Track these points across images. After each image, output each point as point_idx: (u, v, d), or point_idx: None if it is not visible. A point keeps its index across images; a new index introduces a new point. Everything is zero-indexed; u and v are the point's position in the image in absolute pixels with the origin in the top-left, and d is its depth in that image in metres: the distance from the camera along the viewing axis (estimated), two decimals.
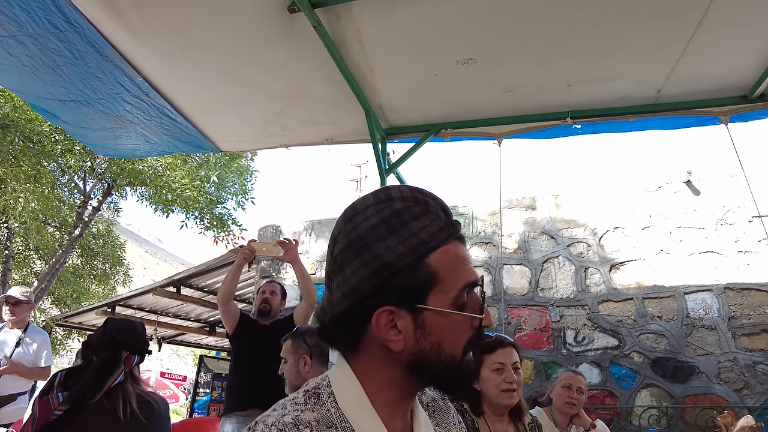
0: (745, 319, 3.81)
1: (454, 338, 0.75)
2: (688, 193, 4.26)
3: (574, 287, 4.21)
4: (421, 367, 0.75)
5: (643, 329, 3.93)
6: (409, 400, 0.82)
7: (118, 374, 1.70)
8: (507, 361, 1.89)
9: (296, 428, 0.68)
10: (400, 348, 0.74)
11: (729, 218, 4.09)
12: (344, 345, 0.81)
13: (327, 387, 0.78)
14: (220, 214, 7.00)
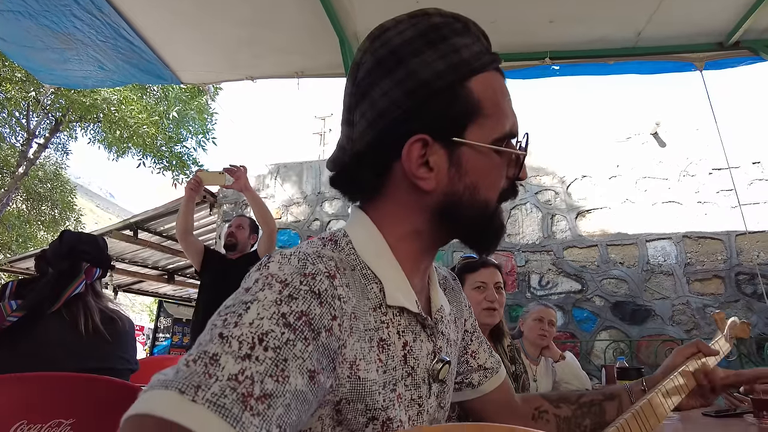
0: (700, 265, 3.97)
1: (490, 182, 0.67)
2: (654, 144, 4.34)
3: (541, 233, 4.27)
4: (451, 213, 0.67)
5: (605, 275, 4.04)
6: (431, 255, 0.73)
7: (78, 284, 1.56)
8: (489, 281, 1.88)
9: (319, 258, 0.58)
10: (431, 187, 0.65)
11: (691, 170, 4.20)
12: (365, 190, 0.71)
13: (344, 236, 0.69)
14: (180, 153, 6.65)
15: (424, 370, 0.68)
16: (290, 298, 0.53)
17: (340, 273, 0.59)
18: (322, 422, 0.58)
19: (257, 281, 0.55)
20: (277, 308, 0.51)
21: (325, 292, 0.55)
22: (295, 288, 0.54)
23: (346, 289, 0.59)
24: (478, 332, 0.90)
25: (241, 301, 0.52)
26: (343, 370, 0.57)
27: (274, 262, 0.58)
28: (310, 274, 0.56)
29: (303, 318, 0.52)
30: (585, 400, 0.90)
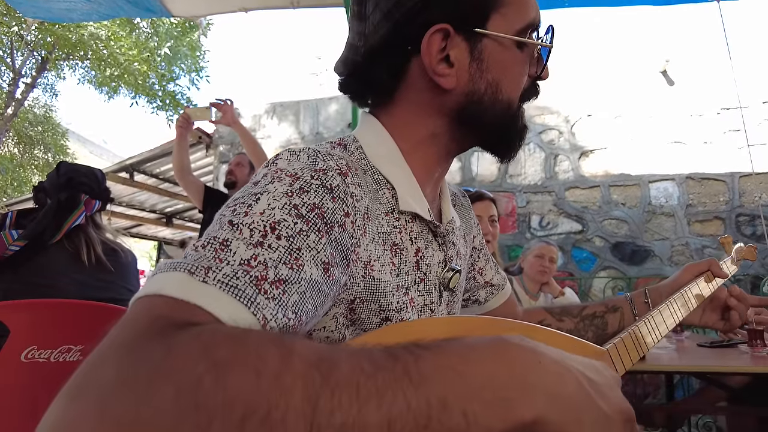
0: (701, 206, 3.97)
1: (512, 79, 0.64)
2: (663, 82, 4.22)
3: (543, 174, 4.23)
4: (471, 115, 0.63)
5: (606, 215, 4.05)
6: (445, 164, 0.71)
7: (78, 215, 1.53)
8: (484, 214, 1.91)
9: (330, 156, 0.55)
10: (451, 85, 0.61)
11: (698, 110, 4.12)
12: (378, 92, 0.67)
13: (354, 141, 0.65)
14: (173, 92, 6.45)
15: (436, 277, 0.67)
16: (301, 190, 0.50)
17: (352, 173, 0.57)
18: (336, 321, 0.57)
19: (266, 176, 0.53)
20: (288, 199, 0.49)
21: (337, 188, 0.53)
22: (306, 182, 0.52)
23: (358, 188, 0.57)
24: (485, 250, 0.90)
25: (250, 193, 0.50)
26: (357, 269, 0.56)
27: (283, 158, 0.55)
28: (321, 170, 0.53)
29: (316, 210, 0.50)
30: (587, 313, 0.91)
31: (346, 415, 0.29)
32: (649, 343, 0.76)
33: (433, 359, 0.34)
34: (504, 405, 0.33)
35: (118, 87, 6.27)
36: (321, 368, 0.30)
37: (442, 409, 0.31)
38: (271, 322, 0.41)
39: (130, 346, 0.32)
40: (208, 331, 0.34)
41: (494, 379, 0.34)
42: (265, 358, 0.30)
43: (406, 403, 0.30)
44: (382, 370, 0.32)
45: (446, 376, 0.33)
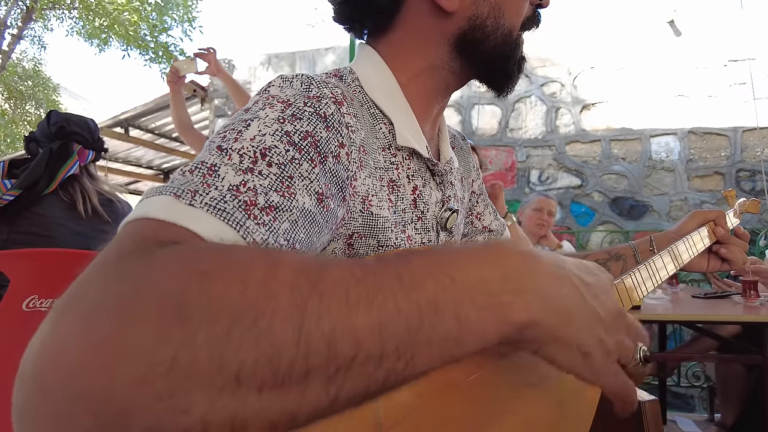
0: (702, 161, 3.94)
1: (515, 5, 0.62)
2: (669, 33, 4.10)
3: (544, 128, 4.17)
4: (473, 41, 0.62)
5: (606, 170, 4.02)
6: (443, 99, 0.69)
7: (72, 164, 1.51)
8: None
9: (325, 84, 0.53)
10: (454, 7, 0.59)
11: (705, 62, 4.02)
12: (377, 17, 0.64)
13: (350, 73, 0.63)
14: (165, 43, 6.26)
15: (433, 216, 0.66)
16: (294, 117, 0.48)
17: (348, 102, 0.55)
18: (335, 256, 0.56)
19: (257, 102, 0.51)
20: (280, 126, 0.47)
21: (331, 117, 0.51)
22: (299, 108, 0.49)
23: (353, 119, 0.55)
24: (485, 194, 0.89)
25: (240, 119, 0.48)
26: (354, 203, 0.55)
27: (275, 85, 0.53)
28: (315, 97, 0.51)
29: (308, 138, 0.48)
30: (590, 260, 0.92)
31: (335, 320, 0.28)
32: (649, 286, 0.76)
33: (425, 264, 0.33)
34: (498, 308, 0.33)
35: (108, 39, 6.06)
36: (309, 275, 0.29)
37: (433, 313, 0.31)
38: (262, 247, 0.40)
39: (114, 264, 0.31)
40: (192, 246, 0.33)
41: (488, 282, 0.34)
42: (250, 267, 0.29)
43: (396, 307, 0.30)
44: (372, 275, 0.31)
45: (438, 279, 0.32)
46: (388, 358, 0.29)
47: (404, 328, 0.29)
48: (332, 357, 0.27)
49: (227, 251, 0.31)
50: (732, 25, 3.94)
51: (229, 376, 0.25)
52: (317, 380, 0.27)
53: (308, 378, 0.27)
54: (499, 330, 0.33)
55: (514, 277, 0.35)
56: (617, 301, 0.43)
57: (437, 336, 0.31)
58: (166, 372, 0.24)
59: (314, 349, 0.27)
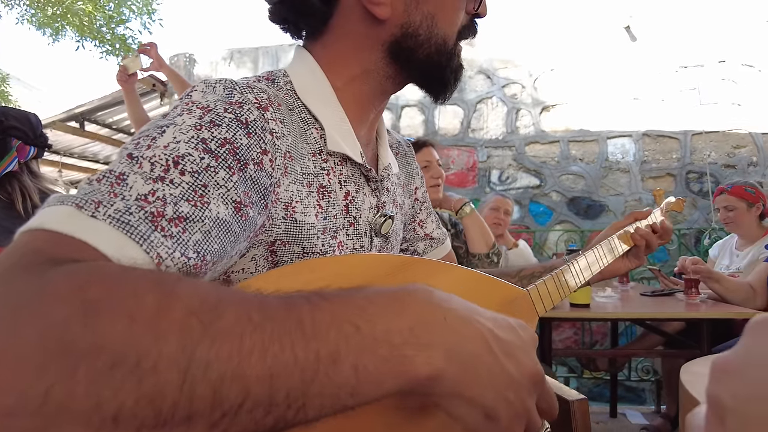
0: (655, 163, 4.08)
1: (449, 15, 0.62)
2: (625, 38, 4.22)
3: (504, 129, 4.23)
4: (406, 48, 0.61)
5: (564, 170, 4.11)
6: (380, 103, 0.68)
7: (10, 161, 1.44)
8: (432, 159, 1.93)
9: (249, 89, 0.52)
10: (386, 14, 0.59)
11: (658, 67, 4.15)
12: (311, 20, 0.63)
13: (283, 76, 0.61)
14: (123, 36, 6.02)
15: (366, 222, 0.66)
16: (212, 124, 0.47)
17: (274, 107, 0.54)
18: (255, 263, 0.55)
19: (176, 107, 0.49)
20: (196, 132, 0.46)
21: (254, 123, 0.50)
22: (219, 115, 0.48)
23: (279, 124, 0.54)
24: (428, 203, 0.90)
25: (156, 125, 0.47)
26: (277, 210, 0.54)
27: (198, 90, 0.52)
28: (236, 103, 0.50)
29: (227, 146, 0.47)
30: (525, 273, 0.93)
31: (224, 367, 0.27)
32: (572, 286, 0.78)
33: (331, 311, 0.32)
34: (399, 361, 0.33)
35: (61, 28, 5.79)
36: (203, 316, 0.28)
37: (331, 363, 0.30)
38: (167, 260, 0.39)
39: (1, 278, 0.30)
40: (85, 268, 0.31)
41: (393, 334, 0.33)
42: (141, 300, 0.28)
43: (293, 356, 0.29)
44: (272, 321, 0.30)
45: (342, 329, 0.32)
46: (278, 406, 0.29)
47: (298, 378, 0.29)
48: (218, 403, 0.27)
49: (120, 278, 0.30)
50: (682, 32, 4.08)
51: (107, 415, 0.24)
52: (200, 424, 0.27)
53: (191, 421, 0.26)
54: (397, 383, 0.33)
55: (420, 330, 0.34)
56: (537, 363, 0.41)
57: (332, 386, 0.30)
58: (38, 407, 0.23)
59: (199, 395, 0.26)
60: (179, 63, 5.41)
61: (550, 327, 2.09)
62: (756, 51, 4.07)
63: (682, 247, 3.79)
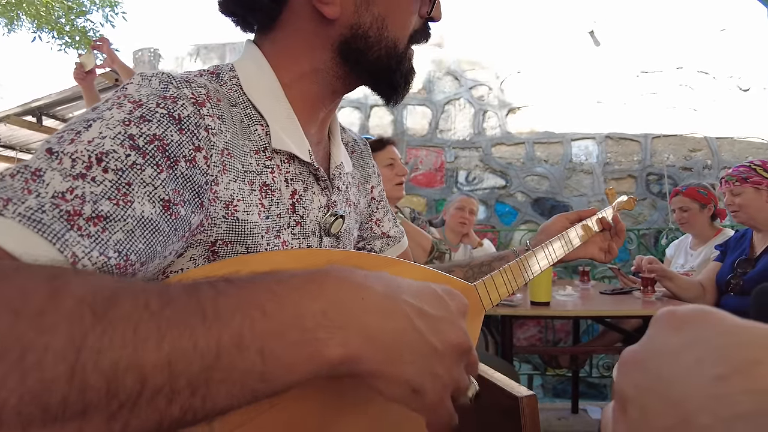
0: (617, 165, 4.19)
1: (400, 18, 0.62)
2: (589, 43, 4.32)
3: (471, 130, 4.28)
4: (355, 51, 0.61)
5: (529, 171, 4.18)
6: (331, 103, 0.67)
7: None
8: (396, 157, 1.95)
9: (187, 83, 0.51)
10: (334, 14, 0.58)
11: (620, 71, 4.27)
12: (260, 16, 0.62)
13: (230, 71, 0.60)
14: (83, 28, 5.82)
15: (315, 221, 0.65)
16: (142, 119, 0.46)
17: (212, 103, 0.53)
18: (194, 263, 0.54)
19: (108, 101, 0.48)
20: (123, 128, 0.44)
21: (187, 119, 0.49)
22: (150, 110, 0.47)
23: (217, 121, 0.52)
24: (385, 202, 0.89)
25: (83, 119, 0.45)
26: (216, 209, 0.53)
27: (134, 83, 0.50)
28: (170, 98, 0.49)
29: (156, 142, 0.45)
30: (475, 263, 0.95)
31: (118, 356, 0.26)
32: (521, 281, 0.79)
33: (237, 295, 0.32)
34: (311, 345, 0.32)
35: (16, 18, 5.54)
36: (96, 306, 0.28)
37: (235, 348, 0.29)
38: (84, 260, 0.37)
39: None
40: None
41: (305, 317, 0.32)
42: (29, 295, 0.27)
43: (192, 342, 0.28)
44: (171, 307, 0.29)
45: (248, 313, 0.31)
46: (180, 393, 0.28)
47: (199, 364, 0.28)
48: (113, 393, 0.26)
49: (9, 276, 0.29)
50: (643, 39, 4.21)
51: None
52: (97, 417, 0.26)
53: (86, 415, 0.25)
54: (310, 367, 0.32)
55: (335, 312, 0.34)
56: (464, 333, 0.41)
57: (238, 372, 0.30)
58: None
59: (92, 386, 0.25)
60: (143, 58, 5.27)
61: (511, 325, 2.12)
62: (711, 59, 4.23)
63: (641, 246, 3.90)
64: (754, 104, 4.16)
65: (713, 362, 0.22)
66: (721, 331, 0.23)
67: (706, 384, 0.21)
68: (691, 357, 0.23)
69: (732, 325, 0.23)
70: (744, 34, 4.15)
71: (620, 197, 1.19)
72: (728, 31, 4.27)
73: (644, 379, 0.24)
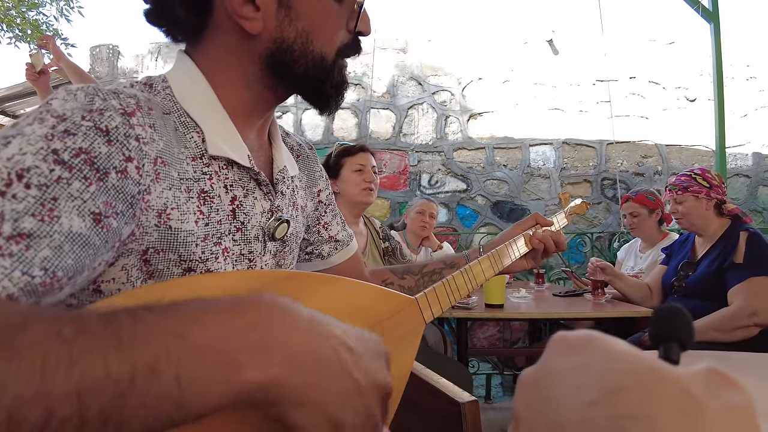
0: (573, 170, 4.33)
1: (325, 32, 0.63)
2: (548, 51, 4.45)
3: (434, 134, 4.34)
4: (283, 64, 0.62)
5: (489, 175, 4.28)
6: (267, 110, 0.68)
7: None
8: (367, 164, 1.97)
9: (114, 95, 0.51)
10: (257, 30, 0.59)
11: (577, 79, 4.42)
12: (183, 30, 0.63)
13: (162, 81, 0.61)
14: (36, 21, 5.58)
15: (258, 227, 0.65)
16: (66, 133, 0.46)
17: (143, 112, 0.53)
18: (127, 273, 0.54)
19: (28, 116, 0.47)
20: (45, 143, 0.44)
21: (115, 130, 0.49)
22: (74, 123, 0.47)
23: (149, 129, 0.53)
24: (333, 205, 0.90)
25: (2, 136, 0.45)
26: (148, 218, 0.53)
27: (59, 98, 0.50)
28: (96, 110, 0.49)
29: (82, 156, 0.45)
30: (427, 270, 0.96)
31: (24, 387, 0.26)
32: (464, 292, 0.81)
33: (155, 321, 0.32)
34: (229, 368, 0.32)
35: None
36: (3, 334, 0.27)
37: (149, 375, 0.29)
38: (4, 281, 0.37)
39: None
40: None
41: (224, 341, 0.32)
42: None
43: (105, 370, 0.28)
44: (85, 334, 0.29)
45: (164, 339, 0.31)
46: (90, 423, 0.27)
47: (112, 392, 0.28)
48: (15, 426, 0.25)
49: None
50: (599, 49, 4.37)
51: None
52: None
53: None
54: (227, 391, 0.31)
55: (257, 337, 0.33)
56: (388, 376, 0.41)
57: (153, 398, 0.29)
58: None
59: None
60: (102, 55, 5.11)
61: (467, 328, 2.18)
62: (661, 70, 4.43)
63: (595, 249, 4.05)
64: (700, 114, 4.38)
65: (589, 388, 0.22)
66: (601, 358, 0.24)
67: (581, 409, 0.22)
68: (574, 382, 0.24)
69: (612, 351, 0.24)
70: (691, 48, 4.36)
71: (573, 201, 1.22)
72: (677, 44, 4.48)
73: (534, 401, 0.25)
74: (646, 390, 0.21)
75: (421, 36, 4.43)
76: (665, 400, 0.21)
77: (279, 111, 4.32)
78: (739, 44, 4.35)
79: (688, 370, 0.23)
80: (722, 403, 0.21)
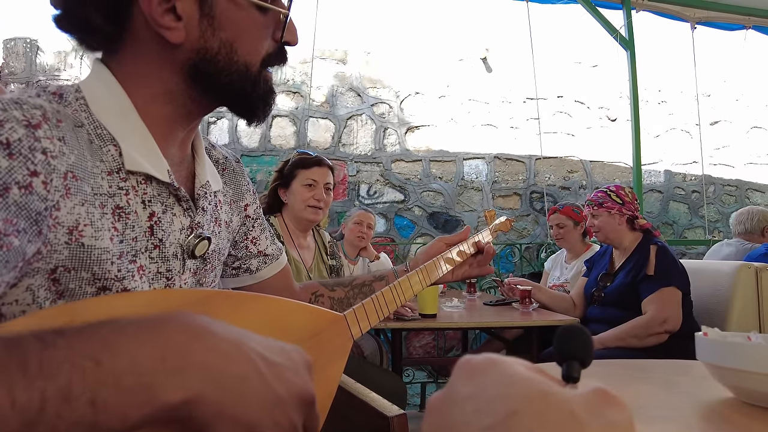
0: (504, 183, 4.51)
1: (250, 42, 0.62)
2: (482, 68, 4.63)
3: (373, 145, 4.38)
4: (205, 75, 0.60)
5: (425, 187, 4.37)
6: (190, 123, 0.66)
7: None
8: (320, 180, 1.91)
9: (17, 105, 0.48)
10: (178, 39, 0.57)
11: (509, 97, 4.62)
12: (98, 39, 0.60)
13: (75, 92, 0.57)
14: None
15: (176, 244, 0.63)
16: None
17: (50, 125, 0.50)
18: (33, 293, 0.51)
19: None
20: None
21: (17, 143, 0.46)
22: None
23: (57, 143, 0.50)
24: (262, 219, 0.88)
25: None
26: (57, 236, 0.50)
27: None
28: None
29: None
30: (357, 283, 0.98)
31: None
32: (392, 307, 0.83)
33: (67, 346, 0.31)
34: (146, 390, 0.32)
35: None
36: None
37: (62, 401, 0.29)
38: None
39: None
40: None
41: (139, 363, 0.32)
42: None
43: (10, 399, 0.27)
44: None
45: (78, 365, 0.30)
46: None
47: (19, 421, 0.27)
48: None
49: None
50: (530, 68, 4.61)
51: None
52: None
53: None
54: (146, 412, 0.32)
55: (174, 356, 0.34)
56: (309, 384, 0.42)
57: (65, 425, 0.29)
58: None
59: None
60: (17, 49, 4.75)
61: (401, 338, 2.20)
62: (585, 91, 4.73)
63: (524, 260, 4.23)
64: (620, 133, 4.71)
65: (486, 413, 0.23)
66: (498, 383, 0.25)
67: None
68: (472, 407, 0.24)
69: (510, 375, 0.25)
70: (612, 72, 4.69)
71: (498, 219, 1.28)
72: (600, 67, 4.81)
73: (438, 425, 0.26)
74: (536, 414, 0.22)
75: (360, 48, 4.47)
76: (552, 424, 0.22)
77: (213, 117, 4.20)
78: (652, 71, 4.73)
79: (576, 391, 0.25)
80: (603, 423, 0.23)
